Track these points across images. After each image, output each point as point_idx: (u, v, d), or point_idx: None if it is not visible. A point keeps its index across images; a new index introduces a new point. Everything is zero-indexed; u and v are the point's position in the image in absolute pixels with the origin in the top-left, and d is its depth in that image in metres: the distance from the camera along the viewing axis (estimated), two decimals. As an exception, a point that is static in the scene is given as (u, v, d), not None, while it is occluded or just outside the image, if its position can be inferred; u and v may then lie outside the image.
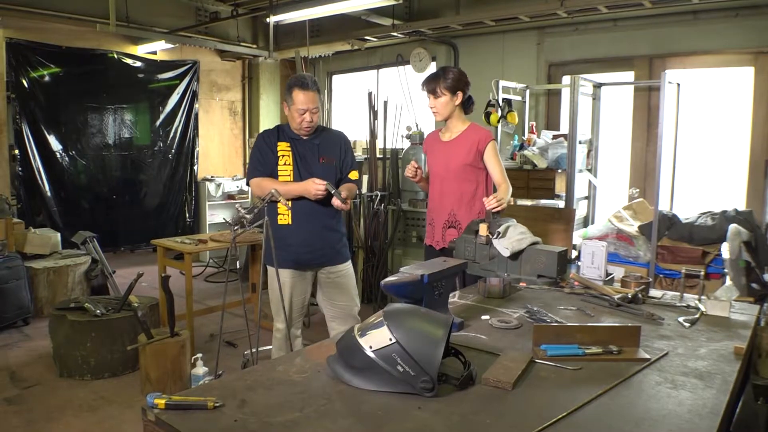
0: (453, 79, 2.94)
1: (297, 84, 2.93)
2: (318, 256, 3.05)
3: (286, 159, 2.98)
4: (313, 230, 3.00)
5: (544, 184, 4.78)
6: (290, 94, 2.94)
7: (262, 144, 3.00)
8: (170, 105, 7.37)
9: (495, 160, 2.94)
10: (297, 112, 2.93)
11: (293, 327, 3.11)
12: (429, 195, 3.12)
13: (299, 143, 3.02)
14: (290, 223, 2.99)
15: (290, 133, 3.03)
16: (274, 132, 3.04)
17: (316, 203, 2.96)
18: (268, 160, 2.98)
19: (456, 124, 3.02)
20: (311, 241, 3.00)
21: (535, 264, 2.44)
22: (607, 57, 5.40)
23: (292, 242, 2.99)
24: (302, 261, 3.03)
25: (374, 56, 7.28)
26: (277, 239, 3.00)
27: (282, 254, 2.99)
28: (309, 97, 2.91)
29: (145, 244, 7.11)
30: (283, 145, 3.00)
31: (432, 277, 1.86)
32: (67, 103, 6.56)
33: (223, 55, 7.88)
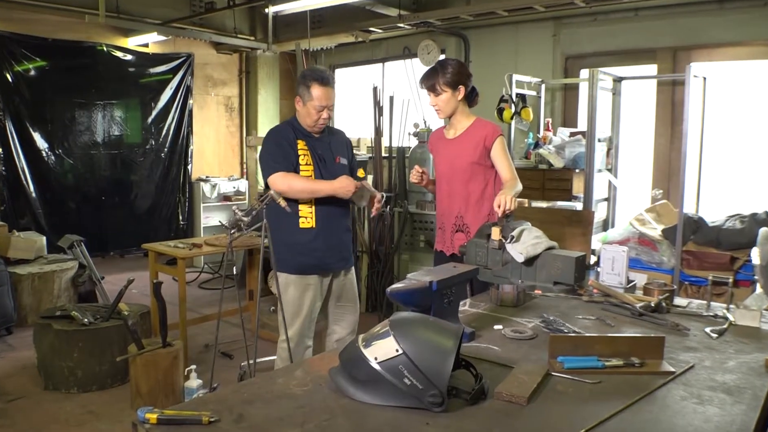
0: (452, 74, 2.92)
1: (316, 78, 2.93)
2: (341, 259, 3.10)
3: (307, 159, 2.98)
4: (337, 233, 3.04)
5: (561, 184, 4.77)
6: (307, 89, 2.94)
7: (281, 139, 2.97)
8: (163, 101, 7.40)
9: (503, 156, 2.93)
10: (314, 108, 2.93)
11: (307, 336, 3.10)
12: (437, 197, 3.11)
13: (314, 141, 3.03)
14: (314, 226, 2.98)
15: (303, 130, 3.04)
16: (288, 128, 3.03)
17: (337, 205, 2.99)
18: (288, 155, 2.95)
19: (460, 120, 3.01)
20: (336, 244, 3.04)
21: (551, 270, 2.44)
22: (628, 49, 5.39)
23: (317, 246, 2.99)
24: (328, 266, 3.05)
25: (379, 49, 7.30)
26: (299, 244, 2.99)
27: (306, 260, 2.98)
28: (328, 93, 2.93)
29: (135, 248, 7.13)
30: (301, 143, 3.00)
31: (441, 284, 1.86)
32: (53, 99, 6.60)
33: (219, 47, 7.91)
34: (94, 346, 3.70)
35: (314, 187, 2.92)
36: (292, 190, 2.89)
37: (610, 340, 1.80)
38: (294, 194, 2.91)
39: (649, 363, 1.75)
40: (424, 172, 3.02)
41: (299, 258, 2.99)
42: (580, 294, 2.47)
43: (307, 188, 2.92)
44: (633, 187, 5.38)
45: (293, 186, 2.89)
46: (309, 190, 2.92)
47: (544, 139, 5.14)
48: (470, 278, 2.12)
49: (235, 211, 2.81)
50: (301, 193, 2.92)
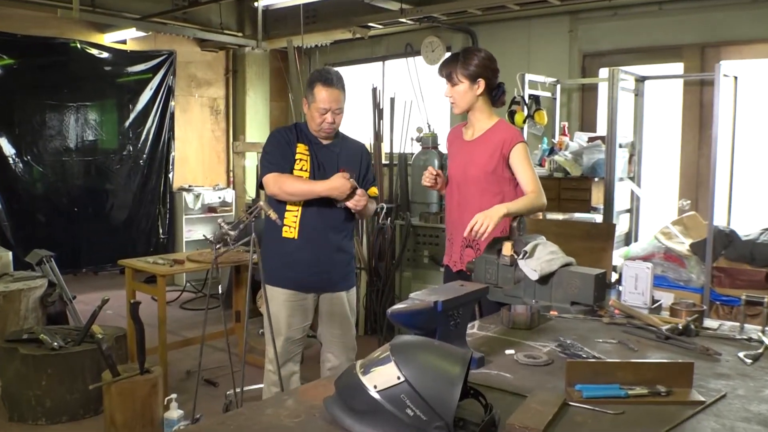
0: (475, 65, 2.88)
1: (320, 79, 3.00)
2: (323, 279, 3.09)
3: (304, 164, 3.03)
4: (321, 248, 3.04)
5: (579, 194, 4.78)
6: (311, 91, 3.01)
7: (281, 139, 3.07)
8: (142, 102, 7.44)
9: (525, 166, 2.87)
10: (318, 111, 2.99)
11: (291, 361, 3.12)
12: (446, 205, 3.10)
13: (318, 148, 3.07)
14: (295, 237, 3.02)
15: (309, 134, 3.09)
16: (291, 130, 3.11)
17: (328, 215, 3.00)
18: (286, 157, 3.02)
19: (480, 119, 2.98)
20: (318, 260, 3.04)
21: (569, 289, 2.44)
22: (652, 46, 5.42)
23: (297, 259, 3.02)
24: (305, 283, 3.06)
25: (379, 46, 7.34)
26: (280, 255, 3.03)
27: (284, 272, 3.01)
28: (332, 95, 2.98)
29: (111, 264, 7.13)
30: (302, 147, 3.06)
31: (447, 304, 1.86)
32: (21, 100, 6.63)
33: (204, 44, 7.95)
34: (64, 372, 3.69)
35: (307, 188, 2.97)
36: (284, 192, 2.94)
37: (633, 367, 1.80)
38: (286, 196, 2.96)
39: (677, 392, 1.75)
40: (438, 174, 3.00)
41: (278, 269, 3.02)
42: (600, 315, 2.46)
43: (300, 189, 2.96)
44: (658, 198, 5.39)
45: (285, 187, 2.95)
46: (301, 191, 2.96)
47: (559, 144, 5.16)
48: (479, 298, 2.11)
49: (220, 224, 2.82)
50: (294, 195, 2.97)
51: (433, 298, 1.85)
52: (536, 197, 2.81)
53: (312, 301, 3.13)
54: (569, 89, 5.89)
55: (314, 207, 2.99)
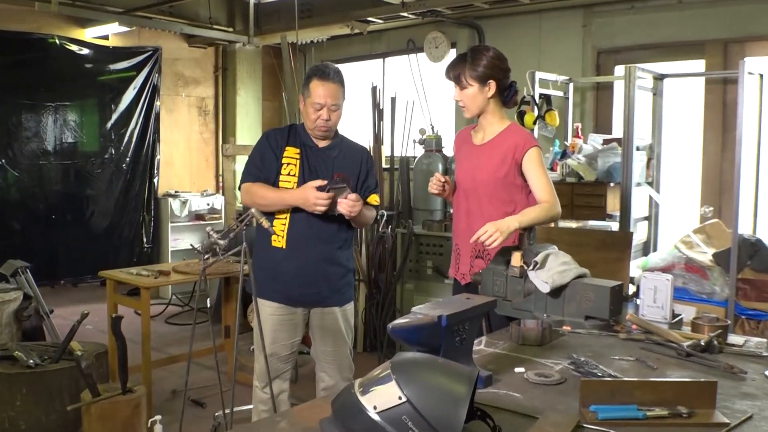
0: (484, 65, 2.87)
1: (315, 74, 3.03)
2: (312, 293, 3.07)
3: (292, 169, 3.03)
4: (309, 259, 3.02)
5: (593, 201, 4.79)
6: (307, 86, 3.04)
7: (265, 144, 3.08)
8: (125, 102, 7.45)
9: (539, 172, 2.87)
10: (312, 106, 3.00)
11: (279, 378, 3.11)
12: (454, 213, 3.10)
13: (312, 152, 3.07)
14: (284, 246, 3.02)
15: (304, 136, 3.09)
16: (283, 132, 3.11)
17: (318, 224, 2.99)
18: (267, 164, 3.04)
19: (491, 121, 2.98)
20: (306, 272, 3.03)
21: (582, 302, 2.44)
22: (671, 42, 5.44)
23: (283, 270, 3.02)
24: (293, 296, 3.06)
25: (379, 42, 7.36)
26: (268, 265, 3.03)
27: (271, 284, 3.01)
28: (328, 90, 2.99)
29: (91, 276, 7.12)
30: (292, 150, 3.06)
31: (452, 318, 1.86)
32: (-4, 101, 6.64)
33: (192, 40, 7.97)
34: (40, 392, 3.68)
35: (278, 198, 2.98)
36: (255, 203, 2.95)
37: (652, 386, 1.80)
38: (262, 208, 2.97)
39: (699, 413, 1.75)
40: (446, 181, 2.99)
41: (265, 279, 3.02)
42: (616, 331, 2.46)
43: (269, 200, 2.98)
44: (678, 204, 5.40)
45: (255, 199, 2.98)
46: (272, 202, 2.98)
47: (572, 147, 5.17)
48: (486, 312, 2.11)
49: (209, 233, 2.82)
50: (267, 206, 2.98)
51: (437, 312, 1.85)
52: (550, 207, 2.81)
53: (302, 316, 3.13)
54: (583, 88, 5.90)
55: (303, 214, 2.99)
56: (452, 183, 3.05)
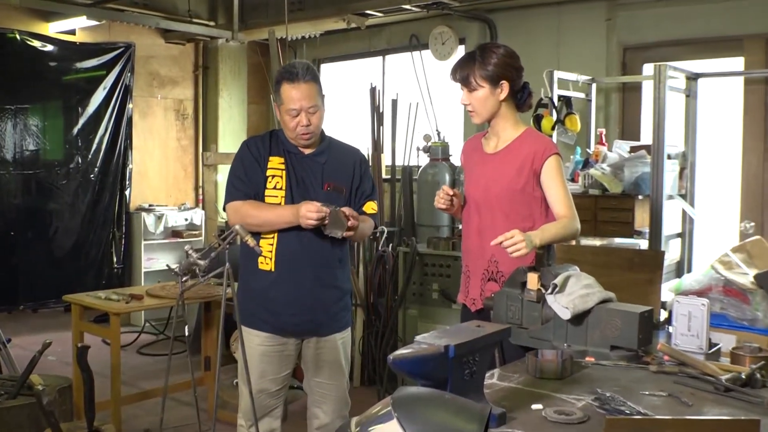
0: (495, 64, 2.87)
1: (283, 77, 3.02)
2: (305, 321, 3.07)
3: (278, 181, 3.03)
4: (302, 283, 3.02)
5: (619, 215, 4.79)
6: (278, 93, 3.03)
7: (247, 155, 3.06)
8: (93, 105, 7.46)
9: (557, 184, 2.87)
10: (288, 114, 2.99)
11: (268, 416, 3.10)
12: (463, 231, 3.10)
13: (298, 160, 3.07)
14: (272, 269, 3.01)
15: (287, 144, 3.09)
16: (264, 140, 3.10)
17: (310, 241, 2.99)
18: (253, 177, 3.03)
19: (504, 127, 2.98)
20: (299, 298, 3.02)
21: (608, 330, 2.44)
22: (706, 37, 5.45)
23: (273, 297, 3.01)
24: (285, 326, 3.05)
25: (379, 38, 7.38)
26: (255, 291, 3.02)
27: (259, 311, 3.01)
28: (301, 92, 2.98)
29: (54, 300, 7.11)
30: (276, 160, 3.05)
31: (460, 349, 1.86)
32: (-51, 103, 6.66)
33: (169, 36, 8.00)
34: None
35: (269, 217, 2.98)
36: (248, 225, 2.94)
37: (687, 425, 1.80)
38: (252, 229, 2.96)
39: (740, 455, 1.74)
40: (455, 194, 2.99)
41: (252, 306, 3.02)
42: (646, 362, 2.46)
43: (260, 219, 2.98)
44: (715, 220, 5.40)
45: (247, 219, 2.95)
46: (267, 221, 2.98)
47: (596, 155, 5.18)
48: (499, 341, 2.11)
49: (188, 252, 2.82)
50: (259, 227, 2.98)
51: (444, 342, 1.85)
52: (570, 223, 2.81)
53: (294, 347, 3.12)
54: (607, 89, 5.92)
55: (293, 231, 2.99)
56: (461, 197, 3.05)
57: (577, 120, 5.24)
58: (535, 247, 2.65)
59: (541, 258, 2.67)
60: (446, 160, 5.82)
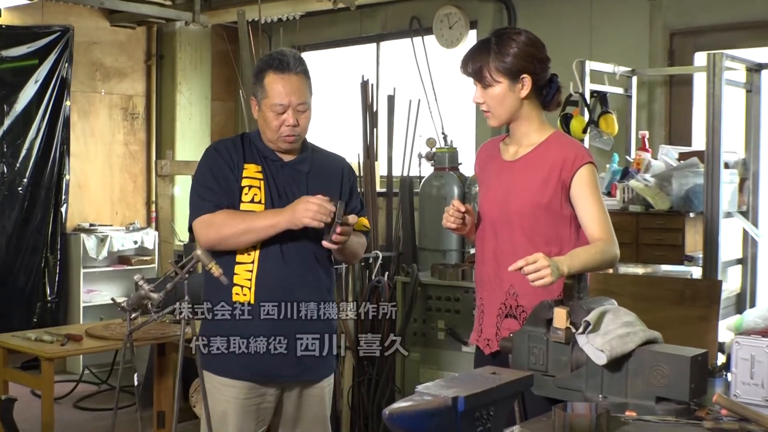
0: (515, 54, 2.87)
1: (270, 65, 3.01)
2: (291, 364, 3.06)
3: (256, 193, 3.01)
4: (290, 316, 3.01)
5: (666, 237, 4.79)
6: (261, 83, 3.02)
7: (217, 161, 3.04)
8: (22, 102, 7.45)
9: (592, 198, 2.86)
10: (272, 110, 2.99)
11: None
12: (477, 256, 3.09)
13: (277, 168, 3.07)
14: (251, 301, 3.00)
15: (262, 148, 3.09)
16: (235, 144, 3.09)
17: (299, 266, 2.99)
18: (226, 186, 3.01)
19: (526, 131, 2.97)
20: (285, 335, 3.02)
21: (652, 378, 2.44)
22: (771, 20, 5.48)
23: (251, 335, 2.99)
24: (266, 371, 3.04)
25: (372, 21, 7.39)
26: (228, 328, 3.00)
27: (233, 355, 2.99)
28: (291, 86, 2.99)
29: (-28, 342, 7.09)
30: (252, 168, 3.05)
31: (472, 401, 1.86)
32: None
33: (115, 18, 8.00)
34: None
35: (256, 224, 2.95)
36: (224, 240, 2.93)
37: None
38: (229, 244, 2.95)
39: None
40: (467, 211, 2.99)
41: (224, 348, 3.00)
42: (699, 417, 2.46)
43: (242, 226, 2.95)
44: (784, 242, 5.40)
45: (224, 231, 2.93)
46: (252, 230, 2.95)
47: (637, 164, 5.18)
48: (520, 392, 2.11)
49: (138, 283, 2.82)
50: (242, 241, 2.95)
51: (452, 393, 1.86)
52: (606, 247, 2.80)
53: (273, 398, 3.10)
54: (651, 83, 5.93)
55: (276, 253, 2.98)
56: (475, 214, 3.05)
57: (614, 120, 5.24)
58: (562, 275, 2.64)
59: (570, 289, 2.67)
60: (454, 169, 5.83)
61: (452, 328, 5.21)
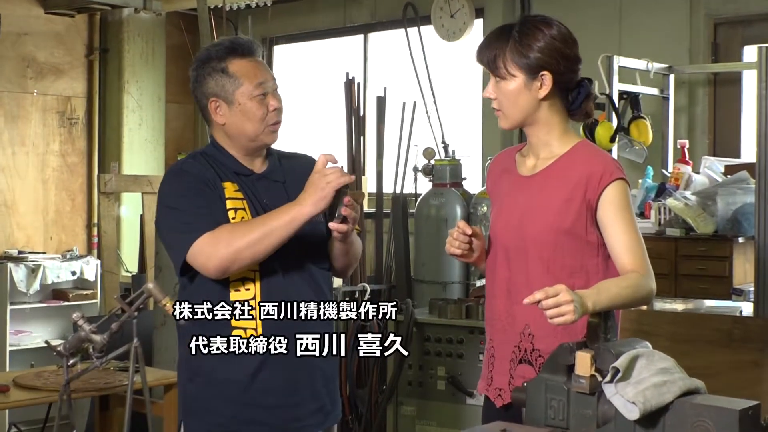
0: (539, 48, 2.89)
1: (232, 51, 3.01)
2: (316, 412, 3.07)
3: (243, 216, 2.99)
4: (303, 359, 2.98)
5: (711, 267, 4.81)
6: (225, 74, 3.00)
7: (193, 181, 2.97)
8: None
9: (624, 221, 2.85)
10: (253, 98, 2.99)
11: None
12: (486, 289, 3.10)
13: (251, 183, 3.06)
14: (258, 332, 2.98)
15: (230, 163, 3.07)
16: (200, 162, 3.07)
17: (301, 288, 2.99)
18: (213, 205, 2.96)
19: (545, 139, 2.97)
20: (303, 376, 3.01)
21: (694, 436, 2.45)
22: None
23: (262, 387, 2.95)
24: (287, 425, 3.03)
25: (358, 8, 7.42)
26: (224, 385, 3.01)
27: (239, 409, 2.98)
28: (263, 68, 3.05)
29: None
30: (231, 187, 3.02)
31: (478, 464, 1.87)
32: None
33: (50, 3, 7.99)
34: None
35: (273, 223, 2.90)
36: (239, 252, 2.87)
37: None
38: (245, 258, 2.91)
39: None
40: (475, 234, 2.98)
41: (225, 406, 2.98)
42: (750, 483, 2.47)
43: (261, 233, 2.89)
44: None
45: (236, 242, 2.85)
46: (264, 234, 2.89)
47: (675, 179, 5.20)
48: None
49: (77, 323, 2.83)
50: (257, 249, 2.91)
51: (454, 454, 1.87)
52: (640, 279, 2.80)
53: None
54: (691, 82, 5.96)
55: (277, 276, 2.98)
56: (485, 238, 3.05)
57: (648, 127, 5.27)
58: (587, 312, 2.65)
59: (596, 329, 2.68)
60: (457, 185, 5.82)
61: (454, 376, 5.22)
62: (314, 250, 3.02)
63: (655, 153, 5.54)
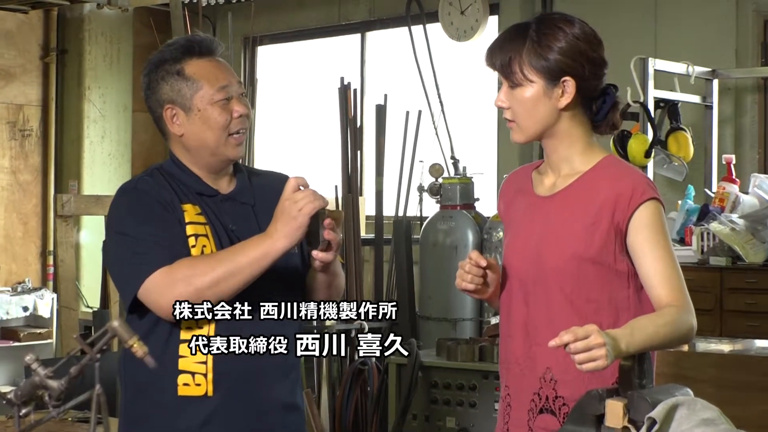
0: (560, 49, 2.88)
1: (189, 51, 3.00)
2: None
3: (204, 244, 2.97)
4: (262, 408, 3.00)
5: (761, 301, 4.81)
6: (181, 77, 2.99)
7: (146, 201, 2.96)
8: None
9: (658, 248, 2.86)
10: (214, 103, 2.99)
11: None
12: (500, 326, 3.10)
13: (216, 204, 3.04)
14: (210, 393, 2.98)
15: (192, 182, 3.07)
16: (158, 180, 3.06)
17: (275, 330, 2.99)
18: (171, 230, 2.96)
19: (566, 155, 2.96)
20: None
21: (742, 497, 2.46)
22: None
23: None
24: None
25: (354, 4, 7.44)
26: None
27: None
28: (225, 68, 3.03)
29: None
30: (191, 210, 3.01)
31: None
32: None
33: None
34: None
35: (240, 259, 2.89)
36: (199, 292, 2.87)
37: None
38: (212, 297, 2.91)
39: None
40: (490, 266, 2.97)
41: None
42: None
43: (226, 270, 2.88)
44: None
45: (196, 281, 2.84)
46: (230, 273, 2.89)
47: (720, 200, 5.21)
48: None
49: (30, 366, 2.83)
50: (220, 290, 2.91)
51: None
52: (678, 315, 2.80)
53: None
54: (738, 89, 5.97)
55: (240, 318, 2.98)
56: (500, 270, 3.05)
57: (689, 140, 5.28)
58: (620, 356, 2.65)
59: (628, 374, 2.69)
60: (469, 207, 5.83)
61: (466, 427, 5.22)
62: (287, 284, 3.00)
63: (697, 170, 5.55)
